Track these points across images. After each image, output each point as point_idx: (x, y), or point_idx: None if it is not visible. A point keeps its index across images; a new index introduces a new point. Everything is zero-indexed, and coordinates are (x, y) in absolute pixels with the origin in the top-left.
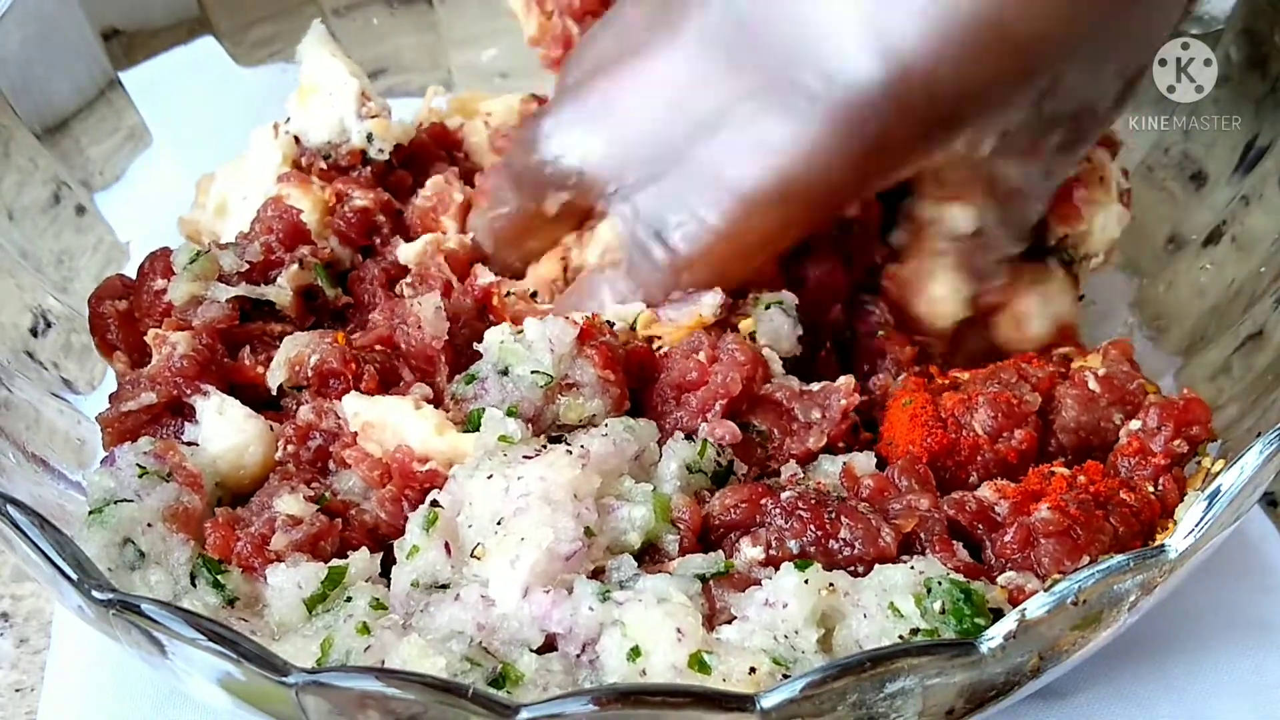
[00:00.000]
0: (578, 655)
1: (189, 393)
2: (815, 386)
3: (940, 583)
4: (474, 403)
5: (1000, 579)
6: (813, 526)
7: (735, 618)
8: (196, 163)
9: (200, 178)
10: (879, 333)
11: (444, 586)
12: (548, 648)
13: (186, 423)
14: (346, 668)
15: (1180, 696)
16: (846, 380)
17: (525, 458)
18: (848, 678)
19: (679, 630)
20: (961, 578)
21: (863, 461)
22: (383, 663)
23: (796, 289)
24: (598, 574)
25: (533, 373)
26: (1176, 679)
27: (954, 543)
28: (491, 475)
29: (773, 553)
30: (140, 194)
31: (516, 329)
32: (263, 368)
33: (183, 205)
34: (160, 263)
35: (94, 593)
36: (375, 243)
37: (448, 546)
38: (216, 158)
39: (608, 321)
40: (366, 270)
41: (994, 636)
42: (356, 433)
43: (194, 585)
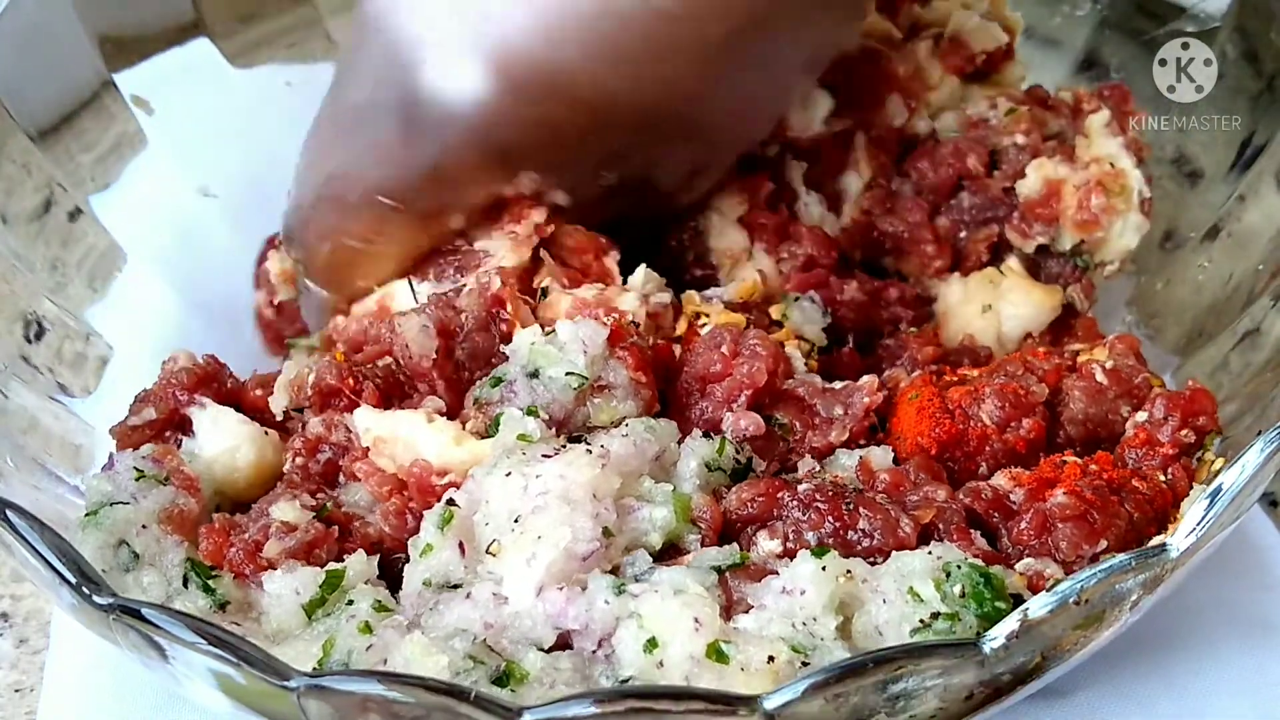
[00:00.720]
0: (593, 651)
1: (185, 403)
2: (838, 385)
3: (960, 566)
4: (501, 406)
5: (1019, 565)
6: (830, 518)
7: (753, 607)
8: (192, 165)
9: None
10: (900, 328)
11: (455, 586)
12: (560, 646)
13: (189, 438)
14: (348, 671)
15: (1181, 694)
16: (870, 379)
17: (544, 456)
18: (851, 679)
19: (696, 620)
20: (981, 562)
21: (879, 456)
22: (385, 662)
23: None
24: (613, 570)
25: (567, 374)
26: (1177, 677)
27: (972, 531)
28: (510, 473)
29: (790, 545)
30: (135, 197)
31: (547, 330)
32: (262, 390)
33: (178, 208)
34: None
35: (94, 597)
36: None
37: (462, 546)
38: (211, 160)
39: (633, 322)
40: None
41: (997, 636)
42: (368, 448)
43: (186, 587)
